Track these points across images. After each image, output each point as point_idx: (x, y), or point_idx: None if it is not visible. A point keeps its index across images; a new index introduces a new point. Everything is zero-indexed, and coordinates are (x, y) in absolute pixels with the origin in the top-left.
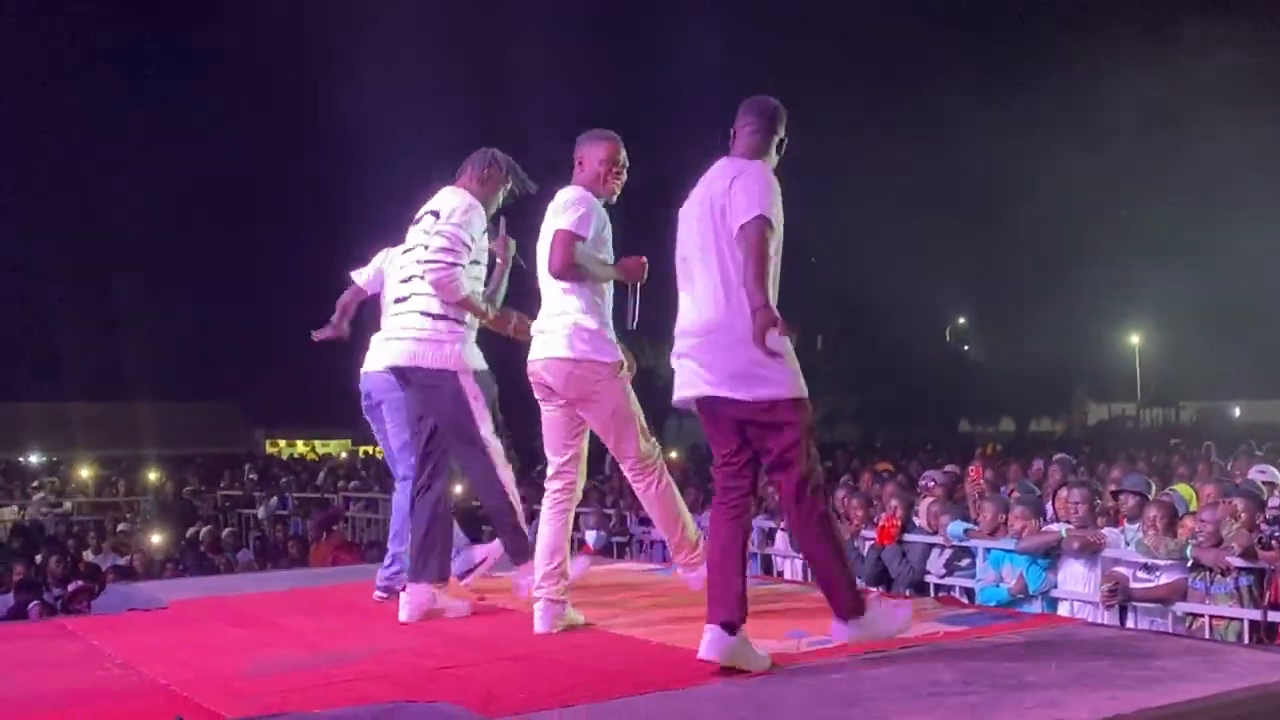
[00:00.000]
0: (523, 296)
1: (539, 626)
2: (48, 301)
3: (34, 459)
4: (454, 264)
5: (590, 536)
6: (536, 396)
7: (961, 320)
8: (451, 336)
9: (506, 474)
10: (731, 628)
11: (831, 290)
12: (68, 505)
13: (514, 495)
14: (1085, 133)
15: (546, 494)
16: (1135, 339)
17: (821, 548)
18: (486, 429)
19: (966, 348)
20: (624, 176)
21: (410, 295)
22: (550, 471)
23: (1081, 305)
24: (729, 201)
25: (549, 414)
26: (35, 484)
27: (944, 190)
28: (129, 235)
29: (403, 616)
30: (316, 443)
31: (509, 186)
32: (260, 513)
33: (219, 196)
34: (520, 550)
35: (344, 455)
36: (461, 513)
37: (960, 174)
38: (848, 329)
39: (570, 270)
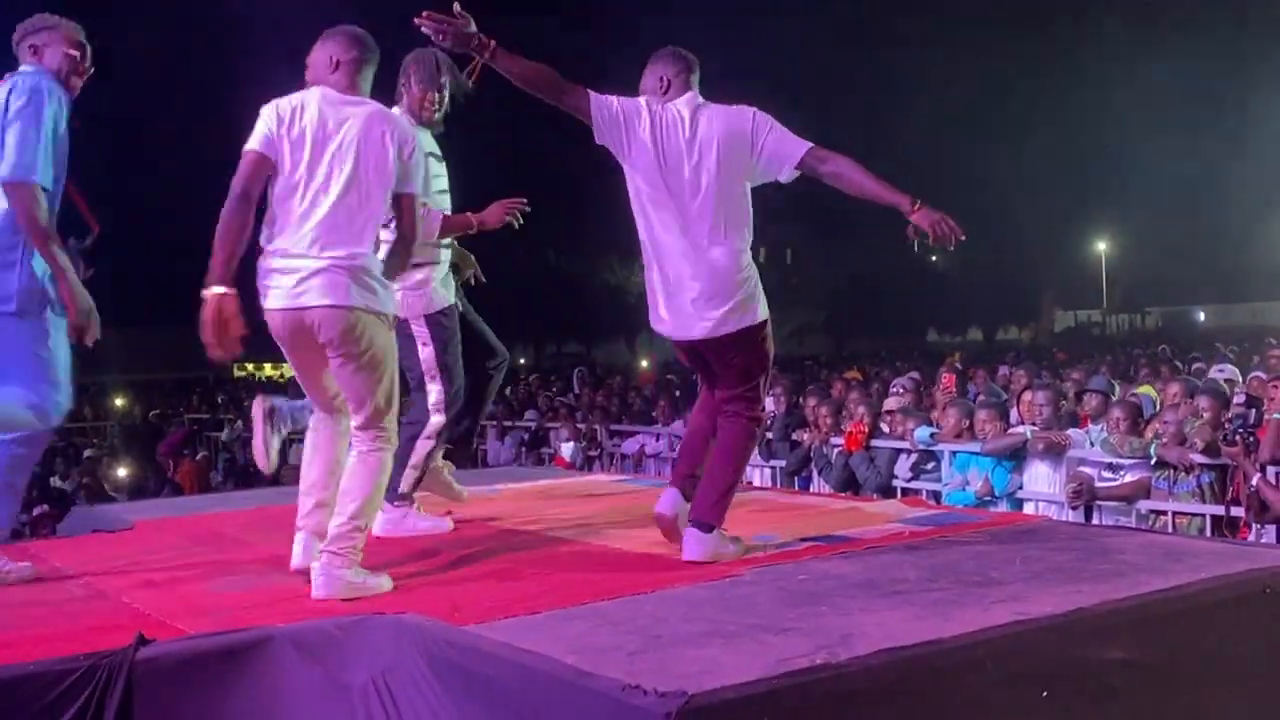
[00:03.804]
0: None
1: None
2: None
3: None
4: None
5: (566, 450)
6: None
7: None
8: (402, 282)
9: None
10: (710, 527)
11: (798, 203)
12: None
13: (420, 457)
14: (1051, 41)
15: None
16: (1102, 246)
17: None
18: (434, 383)
19: (934, 258)
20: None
21: None
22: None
23: (1048, 213)
24: (766, 142)
25: None
26: None
27: (910, 100)
28: (92, 158)
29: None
30: (285, 366)
31: (445, 90)
32: (225, 435)
33: (206, 117)
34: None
35: None
36: None
37: (928, 85)
38: (815, 242)
39: None
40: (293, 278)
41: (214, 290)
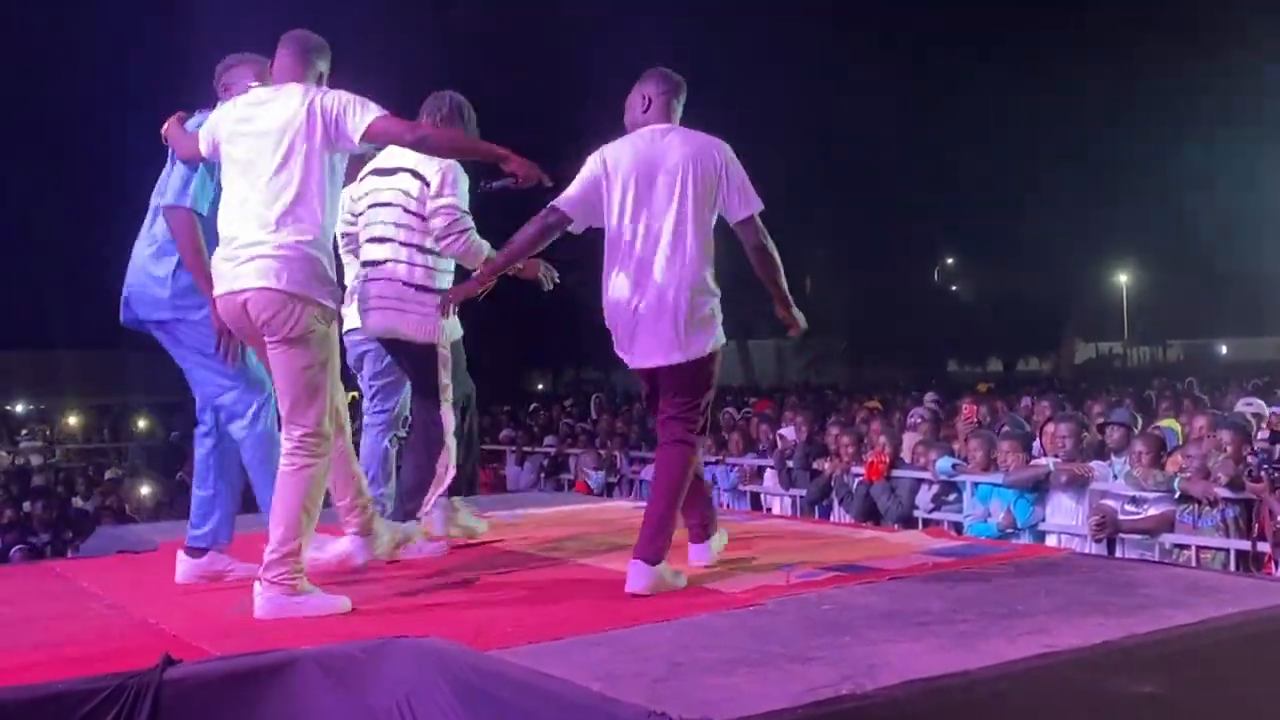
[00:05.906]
0: None
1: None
2: (32, 247)
3: (20, 407)
4: (465, 230)
5: (592, 478)
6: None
7: (949, 260)
8: (436, 310)
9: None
10: (654, 562)
11: (818, 232)
12: (56, 453)
13: (442, 470)
14: (1073, 70)
15: None
16: (1123, 278)
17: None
18: (446, 400)
19: (954, 288)
20: None
21: (387, 261)
22: None
23: (1069, 244)
24: (734, 180)
25: None
26: (24, 431)
27: (931, 130)
28: (126, 180)
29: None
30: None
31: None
32: None
33: None
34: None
35: None
36: None
37: (947, 114)
38: (835, 271)
39: None
40: None
41: None
